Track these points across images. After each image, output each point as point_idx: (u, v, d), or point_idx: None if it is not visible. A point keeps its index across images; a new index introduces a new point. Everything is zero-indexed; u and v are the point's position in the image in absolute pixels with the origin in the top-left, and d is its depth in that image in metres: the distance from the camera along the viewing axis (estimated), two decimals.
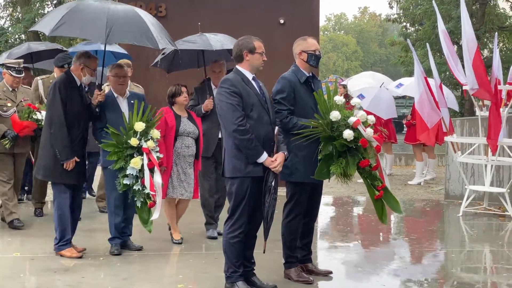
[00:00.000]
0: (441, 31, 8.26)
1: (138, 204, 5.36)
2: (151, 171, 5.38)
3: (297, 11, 10.17)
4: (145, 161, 5.36)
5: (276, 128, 4.66)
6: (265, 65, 4.72)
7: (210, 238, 6.40)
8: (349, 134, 4.67)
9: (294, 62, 5.06)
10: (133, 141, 5.34)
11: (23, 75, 6.90)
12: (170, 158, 6.04)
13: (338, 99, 4.80)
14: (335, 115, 4.69)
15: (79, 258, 5.55)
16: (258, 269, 4.78)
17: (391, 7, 24.00)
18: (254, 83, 4.61)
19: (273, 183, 4.48)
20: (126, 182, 5.35)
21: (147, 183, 5.33)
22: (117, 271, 5.27)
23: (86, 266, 5.36)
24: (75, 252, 5.60)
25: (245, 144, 4.42)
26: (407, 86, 11.00)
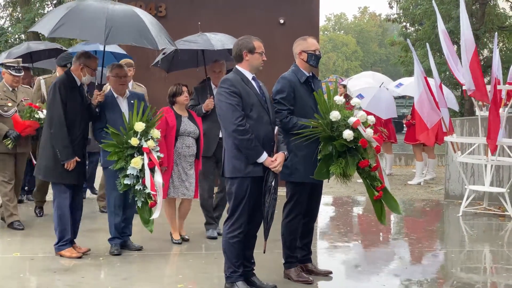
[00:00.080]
0: (441, 31, 8.26)
1: (139, 204, 5.36)
2: (152, 170, 5.38)
3: (297, 11, 10.17)
4: (146, 161, 5.36)
5: (276, 128, 4.66)
6: (265, 65, 4.72)
7: (210, 238, 6.41)
8: (349, 134, 4.67)
9: (294, 62, 5.06)
10: (134, 141, 5.34)
11: (22, 74, 6.87)
12: (171, 158, 6.04)
13: (338, 99, 4.80)
14: (335, 115, 4.70)
15: (79, 258, 5.55)
16: (258, 269, 4.78)
17: (391, 7, 24.00)
18: (254, 83, 4.61)
19: (273, 183, 4.48)
20: (127, 182, 5.35)
21: (147, 183, 5.33)
22: (117, 271, 5.28)
23: (86, 266, 5.36)
24: (75, 252, 5.60)
25: (245, 144, 4.42)
26: (407, 86, 10.99)
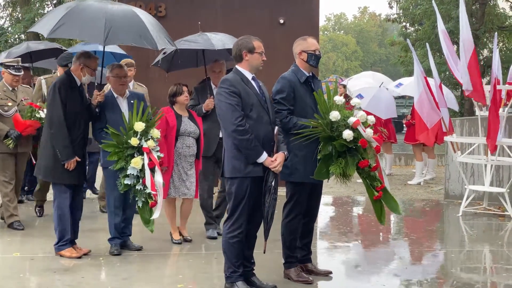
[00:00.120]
0: (440, 31, 8.26)
1: (140, 204, 5.36)
2: (152, 170, 5.38)
3: (297, 11, 10.17)
4: (146, 161, 5.36)
5: (276, 128, 4.65)
6: (265, 65, 4.72)
7: (210, 238, 6.41)
8: (348, 134, 4.67)
9: (294, 62, 5.06)
10: (134, 141, 5.34)
11: (22, 73, 6.86)
12: (171, 157, 6.04)
13: (338, 99, 4.80)
14: (334, 115, 4.69)
15: (79, 258, 5.55)
16: (258, 269, 4.78)
17: (391, 7, 24.00)
18: (254, 83, 4.61)
19: (273, 183, 4.48)
20: (127, 182, 5.35)
21: (148, 183, 5.33)
22: (117, 271, 5.28)
23: (86, 266, 5.36)
24: (75, 252, 5.60)
25: (245, 144, 4.42)
26: (407, 86, 10.98)
